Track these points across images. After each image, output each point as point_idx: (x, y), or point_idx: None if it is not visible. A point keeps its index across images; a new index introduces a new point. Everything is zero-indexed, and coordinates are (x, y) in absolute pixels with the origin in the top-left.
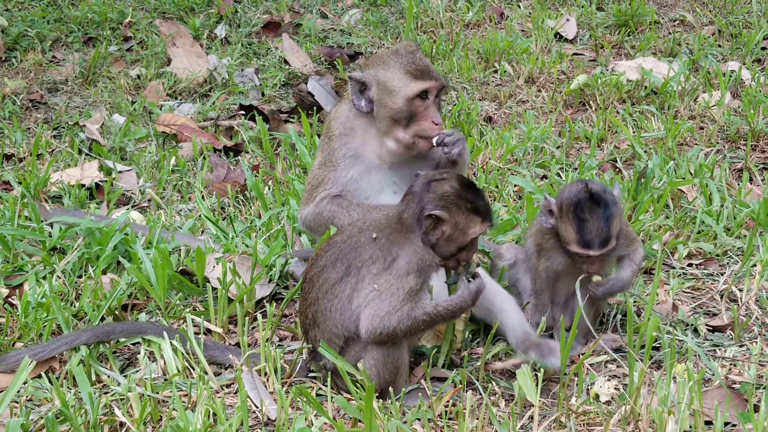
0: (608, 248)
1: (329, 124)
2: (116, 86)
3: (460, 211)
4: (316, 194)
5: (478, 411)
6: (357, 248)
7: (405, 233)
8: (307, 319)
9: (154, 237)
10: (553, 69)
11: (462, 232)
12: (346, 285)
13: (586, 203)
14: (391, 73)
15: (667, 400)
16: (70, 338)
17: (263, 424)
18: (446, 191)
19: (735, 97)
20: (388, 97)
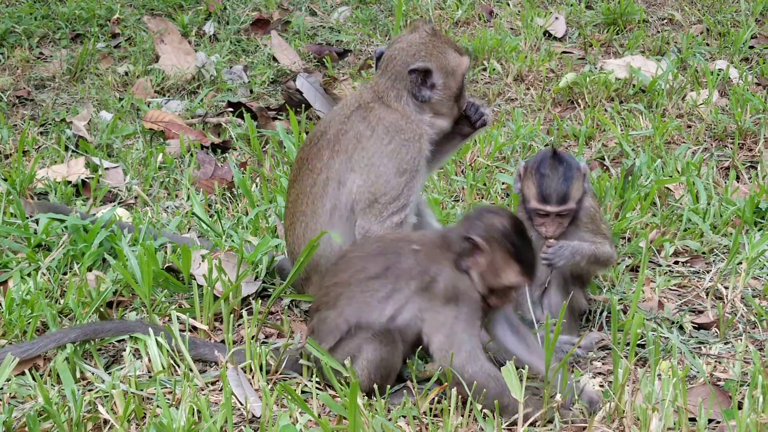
0: (565, 206)
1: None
2: (104, 83)
3: (500, 250)
4: (388, 211)
5: (463, 408)
6: (398, 254)
7: (444, 252)
8: (326, 296)
9: (140, 234)
10: (542, 67)
11: (496, 274)
12: (382, 287)
13: (548, 161)
14: (447, 55)
15: (652, 397)
16: (58, 336)
17: (248, 422)
18: (494, 224)
19: (723, 95)
20: (451, 78)
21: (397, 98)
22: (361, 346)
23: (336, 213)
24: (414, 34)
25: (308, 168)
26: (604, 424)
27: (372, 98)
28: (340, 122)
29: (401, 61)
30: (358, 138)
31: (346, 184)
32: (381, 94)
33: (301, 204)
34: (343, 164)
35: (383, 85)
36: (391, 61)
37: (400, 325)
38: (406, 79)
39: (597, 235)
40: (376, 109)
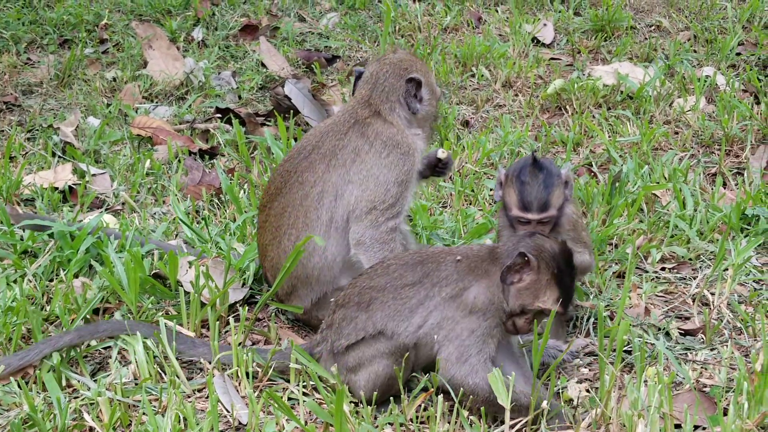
0: (546, 214)
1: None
2: (91, 89)
3: (546, 271)
4: (383, 217)
5: (449, 415)
6: (439, 262)
7: (488, 265)
8: (359, 296)
9: (127, 240)
10: (530, 73)
11: (534, 294)
12: (416, 294)
13: (528, 168)
14: (430, 75)
15: (638, 403)
16: (53, 340)
17: (234, 429)
18: (545, 247)
19: (710, 102)
20: (433, 97)
21: (390, 111)
22: (375, 357)
23: (333, 225)
24: (398, 53)
25: (298, 181)
26: (590, 431)
27: (369, 113)
28: (337, 138)
29: (395, 73)
30: (356, 152)
31: (343, 196)
32: (377, 108)
33: (290, 217)
34: (340, 177)
35: (377, 99)
36: (382, 76)
37: (422, 337)
38: (400, 89)
39: (577, 243)
40: (374, 124)
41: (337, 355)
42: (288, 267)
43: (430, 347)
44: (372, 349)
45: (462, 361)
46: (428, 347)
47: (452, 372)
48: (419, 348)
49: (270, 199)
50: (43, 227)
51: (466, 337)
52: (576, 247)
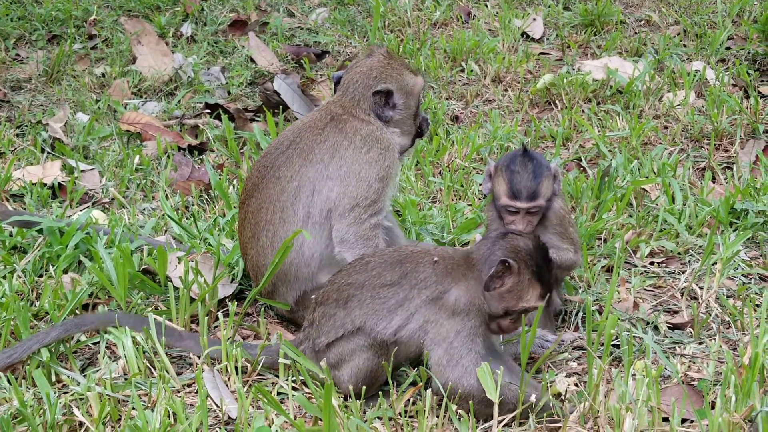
0: (535, 203)
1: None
2: (80, 84)
3: (526, 271)
4: (366, 214)
5: (438, 409)
6: (417, 263)
7: (465, 270)
8: (337, 293)
9: (116, 236)
10: (520, 68)
11: (517, 296)
12: (394, 295)
13: (518, 158)
14: (404, 76)
15: (626, 397)
16: (40, 336)
17: (224, 423)
18: (520, 246)
19: (699, 96)
20: (410, 98)
21: (365, 114)
22: (355, 351)
23: (310, 220)
24: (371, 58)
25: (275, 176)
26: (578, 424)
27: (343, 112)
28: (314, 133)
29: (363, 84)
30: (335, 147)
31: (321, 191)
32: (349, 109)
33: (267, 213)
34: (318, 172)
35: (348, 103)
36: (352, 85)
37: (403, 337)
38: (370, 100)
39: (564, 239)
40: (351, 122)
41: (319, 352)
42: (276, 263)
43: (415, 347)
44: (351, 344)
45: (453, 364)
46: (412, 346)
47: (446, 375)
48: (401, 346)
49: (248, 195)
50: (32, 223)
51: (453, 338)
52: (562, 243)
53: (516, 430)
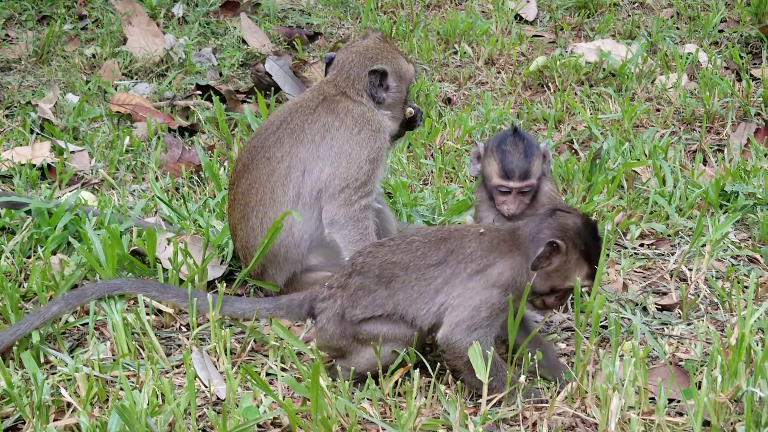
0: (527, 182)
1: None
2: (70, 65)
3: (574, 250)
4: (356, 195)
5: (426, 390)
6: (463, 238)
7: (512, 246)
8: (379, 270)
9: (105, 217)
10: (513, 51)
11: (564, 275)
12: (441, 273)
13: (509, 138)
14: (399, 60)
15: (613, 377)
16: (42, 312)
17: (212, 404)
18: (569, 225)
19: (692, 79)
20: (402, 83)
21: (359, 95)
22: (389, 341)
23: (300, 201)
24: (367, 39)
25: (265, 156)
26: (565, 404)
27: (336, 92)
28: (305, 114)
29: (359, 63)
30: (326, 128)
31: (312, 172)
32: (343, 89)
33: (257, 194)
34: (309, 153)
35: (343, 83)
36: (348, 64)
37: (443, 311)
38: (365, 80)
39: None
40: (343, 102)
41: (346, 321)
42: (266, 244)
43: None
44: (390, 332)
45: (471, 330)
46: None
47: (458, 337)
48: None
49: (238, 176)
50: (20, 204)
51: (483, 308)
52: None
53: (504, 410)
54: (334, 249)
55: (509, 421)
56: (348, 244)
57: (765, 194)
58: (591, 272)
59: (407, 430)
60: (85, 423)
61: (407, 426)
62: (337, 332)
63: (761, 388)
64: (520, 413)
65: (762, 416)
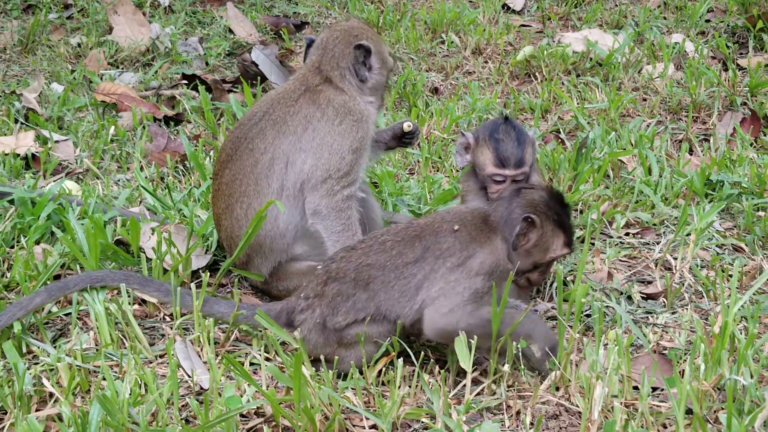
0: (521, 170)
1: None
2: (56, 55)
3: (548, 222)
4: (339, 185)
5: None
6: (438, 234)
7: (487, 233)
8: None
9: (89, 207)
10: (500, 40)
11: (543, 248)
12: (420, 270)
13: (501, 126)
14: (382, 45)
15: (596, 365)
16: (24, 302)
17: (195, 394)
18: (536, 199)
19: (678, 69)
20: (384, 67)
21: (341, 78)
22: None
23: (284, 192)
24: (351, 21)
25: (248, 148)
26: (549, 393)
27: (319, 81)
28: (287, 105)
29: (345, 40)
30: (308, 119)
31: (295, 163)
32: (327, 74)
33: (241, 184)
34: (291, 144)
35: (327, 65)
36: (332, 42)
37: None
38: (349, 56)
39: None
40: (325, 91)
41: (329, 329)
42: (250, 234)
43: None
44: (374, 332)
45: (453, 311)
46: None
47: (441, 323)
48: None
49: (222, 166)
50: (3, 194)
51: (466, 293)
52: None
53: (487, 398)
54: (318, 239)
55: (493, 409)
56: (331, 234)
57: (750, 183)
58: (567, 239)
59: (391, 419)
60: (66, 413)
61: (391, 415)
62: (321, 341)
63: (744, 377)
64: (504, 402)
65: (745, 404)
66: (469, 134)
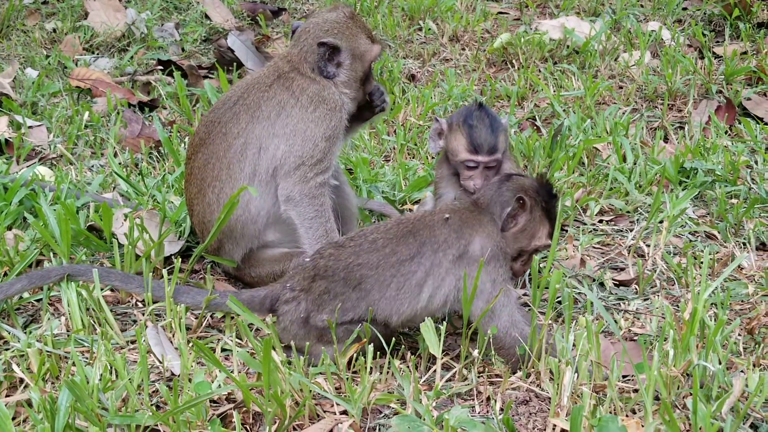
0: (494, 157)
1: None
2: (30, 40)
3: (537, 208)
4: (312, 173)
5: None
6: (431, 227)
7: (478, 216)
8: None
9: (62, 192)
10: (478, 27)
11: (530, 234)
12: (419, 267)
13: (475, 112)
14: (358, 39)
15: (565, 351)
16: (4, 287)
17: (166, 380)
18: (526, 184)
19: (654, 56)
20: (358, 62)
21: (311, 70)
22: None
23: (256, 178)
24: (332, 12)
25: (221, 132)
26: (519, 379)
27: (290, 69)
28: (261, 90)
29: (313, 34)
30: (281, 105)
31: (268, 149)
32: (296, 65)
33: (213, 169)
34: (264, 130)
35: (296, 57)
36: (304, 34)
37: (436, 303)
38: (315, 52)
39: None
40: (298, 80)
41: (311, 325)
42: (222, 219)
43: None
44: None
45: (498, 315)
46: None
47: (489, 328)
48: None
49: (195, 150)
50: None
51: (491, 288)
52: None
53: (458, 384)
54: (291, 225)
55: (463, 395)
56: (304, 221)
57: (724, 171)
58: (551, 231)
59: (361, 404)
60: (36, 399)
61: (361, 400)
62: (301, 333)
63: (712, 363)
64: (474, 388)
65: (713, 390)
66: (442, 120)
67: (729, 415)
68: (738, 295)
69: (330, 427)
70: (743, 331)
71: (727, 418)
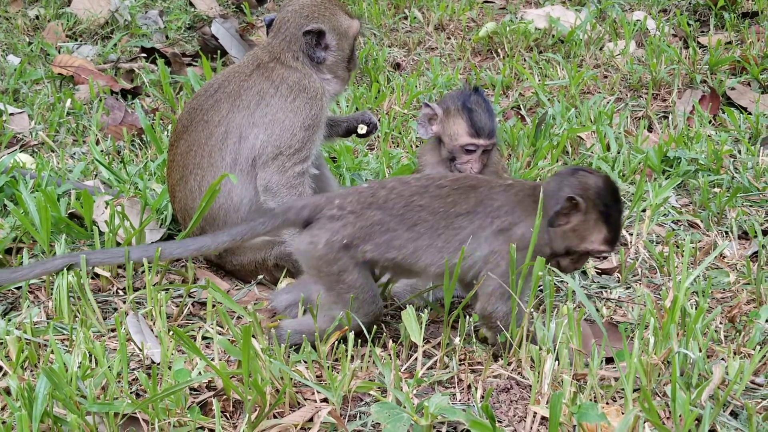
0: (492, 140)
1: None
2: (13, 26)
3: (593, 211)
4: (291, 162)
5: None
6: (491, 188)
7: (532, 203)
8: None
9: (43, 180)
10: (463, 16)
11: (581, 236)
12: (470, 224)
13: (473, 96)
14: (338, 17)
15: (546, 339)
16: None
17: (146, 368)
18: (590, 184)
19: (639, 46)
20: (344, 40)
21: (294, 59)
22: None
23: (237, 166)
24: None
25: (203, 119)
26: (500, 367)
27: (270, 59)
28: (241, 79)
29: (295, 23)
30: (261, 95)
31: (248, 138)
32: (278, 55)
33: (195, 156)
34: (245, 119)
35: (278, 47)
36: (284, 24)
37: (465, 265)
38: (301, 41)
39: None
40: (278, 69)
41: (348, 254)
42: (203, 207)
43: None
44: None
45: (505, 299)
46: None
47: (496, 306)
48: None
49: (177, 137)
50: None
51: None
52: None
53: (439, 372)
54: None
55: (444, 383)
56: None
57: (707, 160)
58: (609, 236)
59: (341, 392)
60: (14, 386)
61: (341, 388)
62: (330, 257)
63: (693, 350)
64: (456, 375)
65: (693, 378)
66: (434, 105)
67: (708, 402)
68: (719, 283)
69: (310, 415)
70: (724, 319)
71: (706, 405)
